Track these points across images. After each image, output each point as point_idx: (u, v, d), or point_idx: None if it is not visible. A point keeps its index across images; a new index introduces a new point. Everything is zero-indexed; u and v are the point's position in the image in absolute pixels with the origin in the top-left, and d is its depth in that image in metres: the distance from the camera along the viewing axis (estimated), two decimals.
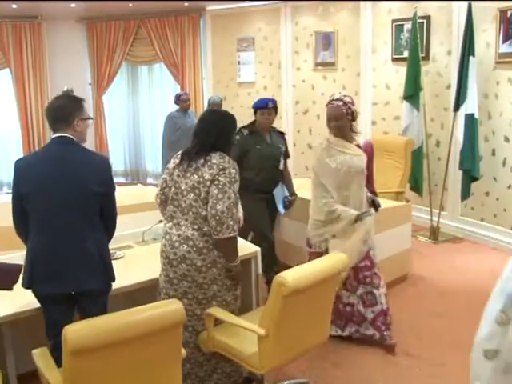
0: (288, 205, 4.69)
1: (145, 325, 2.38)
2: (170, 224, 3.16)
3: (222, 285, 3.12)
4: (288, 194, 4.72)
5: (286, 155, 4.81)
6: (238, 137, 4.40)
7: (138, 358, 2.40)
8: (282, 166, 4.69)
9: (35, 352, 2.69)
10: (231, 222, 2.98)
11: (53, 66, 9.27)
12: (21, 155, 9.09)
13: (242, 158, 4.41)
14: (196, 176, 3.06)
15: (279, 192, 4.69)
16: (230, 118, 3.30)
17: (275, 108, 4.66)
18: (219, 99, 7.27)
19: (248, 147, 4.55)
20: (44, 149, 3.01)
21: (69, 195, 2.71)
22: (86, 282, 2.77)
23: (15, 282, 2.54)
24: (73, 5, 8.11)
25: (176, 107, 7.36)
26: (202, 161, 3.08)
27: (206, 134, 3.16)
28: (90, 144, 8.78)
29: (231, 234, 2.99)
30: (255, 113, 4.67)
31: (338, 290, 3.65)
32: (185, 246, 3.07)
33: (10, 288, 2.73)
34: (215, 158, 3.07)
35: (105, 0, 7.80)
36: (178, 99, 7.30)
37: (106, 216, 2.89)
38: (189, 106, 7.42)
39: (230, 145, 3.24)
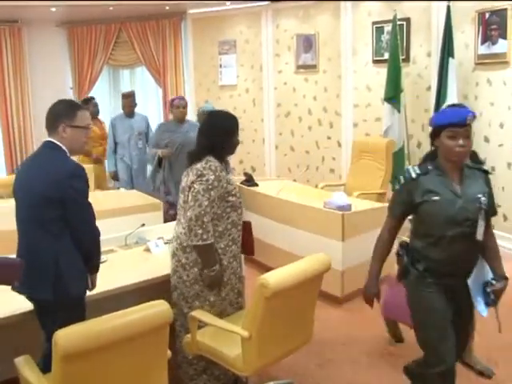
0: (495, 298, 2.65)
1: (134, 326, 2.39)
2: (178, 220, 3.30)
3: (203, 285, 3.16)
4: (491, 277, 2.67)
5: (492, 211, 2.73)
6: (403, 180, 2.75)
7: (128, 360, 2.41)
8: (480, 235, 2.59)
9: (18, 360, 2.66)
10: (199, 231, 3.01)
11: (33, 71, 9.17)
12: (1, 161, 9.07)
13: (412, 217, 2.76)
14: (185, 179, 3.16)
15: (476, 274, 2.67)
16: (219, 115, 3.36)
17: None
18: (210, 107, 6.13)
19: (417, 199, 2.65)
20: (33, 154, 2.93)
21: (23, 203, 2.72)
22: (36, 290, 2.67)
23: (17, 278, 2.50)
24: (53, 9, 8.04)
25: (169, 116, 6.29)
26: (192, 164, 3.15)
27: (200, 136, 3.23)
28: None
29: (199, 243, 3.03)
30: (437, 134, 2.64)
31: None
32: (175, 243, 3.22)
33: (12, 284, 2.67)
34: (200, 163, 3.10)
35: (85, 0, 7.73)
36: (172, 105, 6.01)
37: (71, 224, 2.69)
38: (183, 114, 5.99)
39: (223, 144, 3.17)
